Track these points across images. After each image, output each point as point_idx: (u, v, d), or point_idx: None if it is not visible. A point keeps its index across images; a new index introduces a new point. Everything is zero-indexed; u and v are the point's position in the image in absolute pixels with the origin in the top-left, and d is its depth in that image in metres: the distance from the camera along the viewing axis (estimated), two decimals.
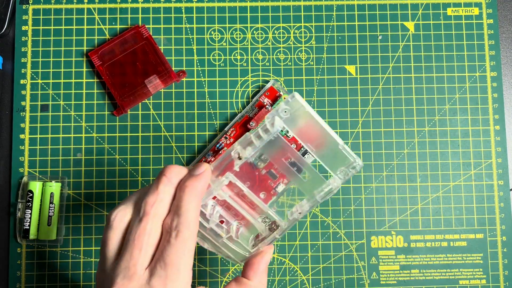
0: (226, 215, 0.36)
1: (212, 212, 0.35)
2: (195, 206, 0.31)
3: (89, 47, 0.46)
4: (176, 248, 0.30)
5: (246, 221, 0.36)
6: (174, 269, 0.29)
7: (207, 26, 0.47)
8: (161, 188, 0.31)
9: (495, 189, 0.45)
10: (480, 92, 0.46)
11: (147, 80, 0.45)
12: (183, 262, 0.30)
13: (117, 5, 0.47)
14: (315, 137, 0.33)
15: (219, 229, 0.34)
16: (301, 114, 0.32)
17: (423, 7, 0.47)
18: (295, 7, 0.47)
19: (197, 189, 0.31)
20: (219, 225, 0.35)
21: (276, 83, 0.45)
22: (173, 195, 0.32)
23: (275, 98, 0.44)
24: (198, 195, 0.31)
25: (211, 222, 0.34)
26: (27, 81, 0.45)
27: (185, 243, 0.30)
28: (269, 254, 0.35)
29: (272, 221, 0.36)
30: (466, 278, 0.44)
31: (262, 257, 0.35)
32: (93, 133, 0.45)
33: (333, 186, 0.33)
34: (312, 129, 0.33)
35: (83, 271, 0.44)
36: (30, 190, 0.43)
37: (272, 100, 0.44)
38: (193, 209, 0.31)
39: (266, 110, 0.43)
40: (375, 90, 0.46)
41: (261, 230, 0.36)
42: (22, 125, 0.45)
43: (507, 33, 0.47)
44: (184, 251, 0.30)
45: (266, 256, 0.35)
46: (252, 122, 0.43)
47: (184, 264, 0.30)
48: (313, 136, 0.33)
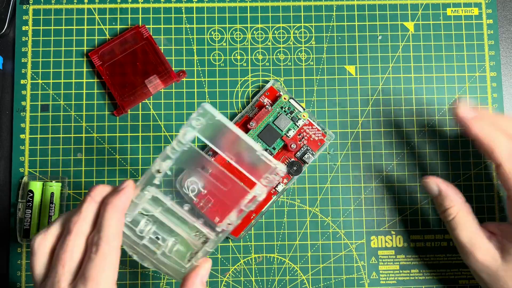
0: (162, 232, 0.35)
1: (145, 228, 0.35)
2: (116, 221, 0.32)
3: (89, 47, 0.46)
4: (95, 263, 0.31)
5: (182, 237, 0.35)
6: (93, 283, 0.30)
7: (207, 26, 0.47)
8: (84, 207, 0.33)
9: (494, 189, 0.45)
10: (480, 92, 0.46)
11: (147, 80, 0.45)
12: (104, 276, 0.30)
13: (117, 5, 0.47)
14: (233, 146, 0.33)
15: (152, 245, 0.34)
16: (215, 124, 0.32)
17: (422, 7, 0.47)
18: (295, 7, 0.47)
19: (117, 205, 0.32)
20: (154, 241, 0.35)
21: (276, 83, 0.45)
22: (97, 213, 0.33)
23: (275, 98, 0.44)
24: (118, 210, 0.32)
25: (144, 239, 0.34)
26: (28, 81, 0.45)
27: (104, 258, 0.31)
28: (204, 269, 0.34)
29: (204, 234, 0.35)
30: (465, 278, 0.44)
31: (196, 273, 0.34)
32: (93, 133, 0.45)
33: (256, 193, 0.33)
34: (229, 138, 0.32)
35: None
36: (30, 190, 0.43)
37: (272, 100, 0.44)
38: (113, 224, 0.32)
39: (266, 110, 0.43)
40: (375, 90, 0.46)
41: (194, 245, 0.35)
42: (22, 125, 0.45)
43: (506, 33, 0.47)
44: (104, 266, 0.31)
45: (200, 271, 0.34)
46: (252, 122, 0.43)
47: (104, 278, 0.30)
48: (230, 145, 0.33)
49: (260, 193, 0.33)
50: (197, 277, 0.34)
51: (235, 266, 0.44)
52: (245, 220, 0.43)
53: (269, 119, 0.44)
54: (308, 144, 0.44)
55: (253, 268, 0.44)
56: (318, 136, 0.44)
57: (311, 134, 0.44)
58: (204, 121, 0.32)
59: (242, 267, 0.44)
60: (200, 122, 0.32)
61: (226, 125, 0.32)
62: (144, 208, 0.35)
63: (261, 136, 0.43)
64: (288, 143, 0.43)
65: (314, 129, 0.44)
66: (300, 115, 0.44)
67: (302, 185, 0.45)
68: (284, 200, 0.45)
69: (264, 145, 0.43)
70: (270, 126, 0.43)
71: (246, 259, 0.44)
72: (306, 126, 0.44)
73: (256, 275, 0.44)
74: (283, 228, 0.45)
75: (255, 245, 0.44)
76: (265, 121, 0.44)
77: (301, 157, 0.43)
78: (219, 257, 0.44)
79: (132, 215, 0.34)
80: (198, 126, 0.32)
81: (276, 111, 0.44)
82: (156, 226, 0.35)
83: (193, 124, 0.32)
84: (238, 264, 0.44)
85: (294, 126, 0.44)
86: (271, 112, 0.44)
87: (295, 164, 0.43)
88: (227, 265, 0.44)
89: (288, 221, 0.45)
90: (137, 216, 0.35)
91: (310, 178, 0.45)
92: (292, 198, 0.45)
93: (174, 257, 0.35)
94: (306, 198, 0.45)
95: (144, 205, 0.35)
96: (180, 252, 0.35)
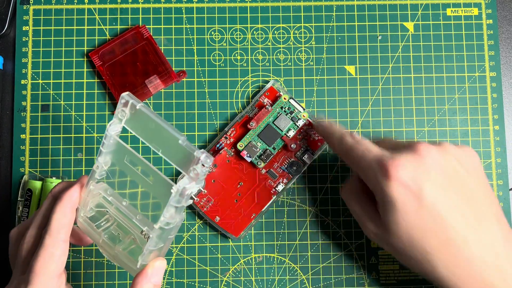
0: (121, 229, 0.35)
1: (105, 224, 0.35)
2: (61, 215, 0.32)
3: (89, 47, 0.46)
4: (38, 255, 0.31)
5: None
6: (34, 275, 0.31)
7: (207, 27, 0.47)
8: (44, 202, 0.34)
9: (494, 189, 0.45)
10: (480, 92, 0.46)
11: (147, 80, 0.45)
12: (45, 267, 0.31)
13: (118, 6, 0.47)
14: (158, 136, 0.30)
15: (111, 242, 0.34)
16: (140, 115, 0.31)
17: (422, 7, 0.47)
18: (295, 8, 0.47)
19: (63, 199, 0.33)
20: (114, 238, 0.34)
21: (276, 83, 0.45)
22: None
23: (275, 98, 0.44)
24: (64, 205, 0.33)
25: (102, 235, 0.34)
26: (28, 81, 0.46)
27: (46, 250, 0.31)
28: (151, 269, 0.32)
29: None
30: None
31: (142, 273, 0.32)
32: (93, 133, 0.45)
33: (181, 187, 0.29)
34: (153, 128, 0.30)
35: (83, 271, 0.44)
36: (29, 189, 0.43)
37: (272, 100, 0.44)
38: (58, 218, 0.32)
39: (266, 110, 0.43)
40: (375, 90, 0.46)
41: (142, 244, 0.33)
42: (23, 125, 0.45)
43: (506, 33, 0.47)
44: (45, 257, 0.31)
45: (147, 271, 0.32)
46: (252, 122, 0.43)
47: (45, 270, 0.31)
48: (155, 135, 0.30)
49: (188, 187, 0.29)
50: (143, 277, 0.31)
51: (235, 266, 0.44)
52: (245, 220, 0.43)
53: (269, 119, 0.44)
54: (308, 144, 0.44)
55: (253, 268, 0.44)
56: (318, 136, 0.44)
57: (311, 134, 0.44)
58: (128, 112, 0.31)
59: (242, 267, 0.44)
60: (125, 113, 0.31)
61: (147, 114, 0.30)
62: (99, 204, 0.35)
63: (261, 136, 0.43)
64: (288, 143, 0.43)
65: (314, 130, 0.44)
66: (300, 115, 0.44)
67: (302, 185, 0.45)
68: (284, 200, 0.45)
69: (264, 145, 0.43)
70: (270, 126, 0.43)
71: (246, 259, 0.44)
72: (306, 126, 0.44)
73: (256, 275, 0.44)
74: (283, 228, 0.45)
75: (255, 245, 0.44)
76: (265, 121, 0.43)
77: (301, 157, 0.44)
78: (219, 257, 0.44)
79: (87, 211, 0.34)
80: (123, 118, 0.31)
81: (276, 111, 0.44)
82: (117, 223, 0.35)
83: (119, 116, 0.31)
84: (238, 264, 0.44)
85: (294, 126, 0.44)
86: (271, 112, 0.44)
87: (295, 164, 0.43)
88: (227, 265, 0.44)
89: (288, 221, 0.45)
90: (102, 213, 0.35)
91: (310, 178, 0.45)
92: (292, 198, 0.45)
93: (128, 255, 0.34)
94: (306, 198, 0.45)
95: (99, 201, 0.34)
96: (135, 250, 0.34)
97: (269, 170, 0.44)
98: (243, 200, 0.43)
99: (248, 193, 0.43)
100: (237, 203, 0.43)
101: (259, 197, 0.43)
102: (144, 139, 0.31)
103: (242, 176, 0.44)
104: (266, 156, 0.43)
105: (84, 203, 0.34)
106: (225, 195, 0.43)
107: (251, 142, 0.43)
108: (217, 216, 0.43)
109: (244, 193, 0.43)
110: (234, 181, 0.43)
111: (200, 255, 0.44)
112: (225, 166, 0.44)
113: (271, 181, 0.43)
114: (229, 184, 0.43)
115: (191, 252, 0.44)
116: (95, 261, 0.44)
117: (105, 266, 0.44)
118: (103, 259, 0.44)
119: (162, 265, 0.32)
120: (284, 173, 0.43)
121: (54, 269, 0.32)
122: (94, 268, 0.44)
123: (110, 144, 0.32)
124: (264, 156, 0.43)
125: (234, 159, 0.44)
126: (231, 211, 0.43)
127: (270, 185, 0.43)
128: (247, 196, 0.43)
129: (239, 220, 0.43)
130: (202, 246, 0.44)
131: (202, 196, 0.43)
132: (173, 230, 0.32)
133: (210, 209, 0.43)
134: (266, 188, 0.43)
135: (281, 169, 0.44)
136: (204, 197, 0.43)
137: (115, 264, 0.34)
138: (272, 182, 0.43)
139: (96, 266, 0.44)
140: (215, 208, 0.43)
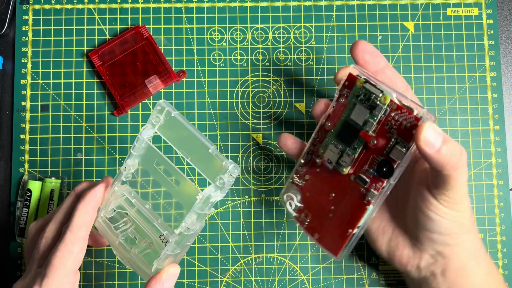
0: (139, 232, 0.35)
1: (123, 227, 0.35)
2: (83, 213, 0.33)
3: (89, 47, 0.46)
4: (57, 250, 0.32)
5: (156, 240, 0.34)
6: (52, 269, 0.31)
7: (207, 26, 0.47)
8: (66, 199, 0.36)
9: (494, 189, 0.45)
10: (480, 92, 0.46)
11: (147, 80, 0.45)
12: (62, 262, 0.32)
13: (117, 5, 0.47)
14: (188, 143, 0.32)
15: (127, 244, 0.35)
16: (173, 122, 0.32)
17: (422, 7, 0.47)
18: (295, 7, 0.47)
19: (87, 198, 0.34)
20: (131, 241, 0.35)
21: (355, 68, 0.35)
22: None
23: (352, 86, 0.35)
24: (87, 203, 0.34)
25: (119, 237, 0.35)
26: (28, 81, 0.45)
27: (66, 246, 0.32)
28: (166, 274, 0.32)
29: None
30: None
31: (156, 277, 0.32)
32: (93, 133, 0.45)
33: (206, 194, 0.30)
34: (185, 135, 0.32)
35: (83, 271, 0.44)
36: (28, 189, 0.43)
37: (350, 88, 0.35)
38: (80, 215, 0.33)
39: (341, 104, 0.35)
40: None
41: (160, 248, 0.34)
42: (22, 125, 0.45)
43: (506, 33, 0.47)
44: (64, 253, 0.32)
45: (162, 276, 0.32)
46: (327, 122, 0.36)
47: (63, 265, 0.32)
48: (186, 142, 0.32)
49: (214, 195, 0.30)
50: (157, 282, 0.32)
51: (235, 266, 0.44)
52: (342, 236, 0.36)
53: (345, 114, 0.35)
54: (398, 135, 0.33)
55: (253, 268, 0.44)
56: (411, 121, 0.32)
57: (400, 121, 0.33)
58: (163, 119, 0.32)
59: (242, 267, 0.44)
60: (159, 120, 0.33)
61: (181, 122, 0.32)
62: (120, 206, 0.35)
63: (340, 136, 0.35)
64: (369, 139, 0.34)
65: (404, 114, 0.33)
66: (379, 99, 0.33)
67: None
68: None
69: (344, 147, 0.35)
70: (347, 122, 0.35)
71: (246, 259, 0.44)
72: (394, 112, 0.33)
73: (256, 275, 0.44)
74: (283, 228, 0.45)
75: (255, 245, 0.44)
76: (342, 118, 0.36)
77: (390, 153, 0.33)
78: (219, 257, 0.44)
79: (108, 211, 0.35)
80: (157, 124, 0.33)
81: (352, 102, 0.35)
82: (135, 226, 0.35)
83: (153, 122, 0.33)
84: (238, 264, 0.44)
85: (372, 117, 0.34)
86: (347, 104, 0.35)
87: (384, 163, 0.34)
88: (227, 265, 0.44)
89: (288, 221, 0.45)
90: (122, 215, 0.35)
91: None
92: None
93: (143, 259, 0.34)
94: None
95: (120, 202, 0.35)
96: (151, 255, 0.34)
97: (358, 175, 0.35)
98: (337, 213, 0.36)
99: (341, 205, 0.36)
100: (332, 218, 0.36)
101: (352, 209, 0.35)
102: (174, 146, 0.32)
103: (333, 186, 0.36)
104: (347, 159, 0.35)
105: (106, 204, 0.35)
106: (319, 209, 0.37)
107: (329, 146, 0.36)
108: (316, 233, 0.37)
109: (337, 206, 0.36)
110: (326, 193, 0.37)
111: (200, 255, 0.44)
112: (316, 176, 0.37)
113: (363, 188, 0.35)
114: (322, 196, 0.37)
115: (191, 252, 0.44)
116: (95, 261, 0.44)
117: (105, 266, 0.44)
118: (103, 259, 0.44)
119: (176, 272, 0.33)
120: (376, 178, 0.34)
121: (71, 266, 0.32)
122: (94, 268, 0.44)
123: (141, 148, 0.33)
124: (344, 160, 0.35)
125: (322, 168, 0.37)
126: (327, 226, 0.37)
127: (362, 194, 0.35)
128: (341, 209, 0.36)
129: (335, 236, 0.36)
130: (202, 246, 0.44)
131: (301, 211, 0.38)
132: (192, 237, 0.33)
133: (309, 225, 0.38)
134: (358, 198, 0.35)
135: (371, 173, 0.34)
136: (302, 212, 0.38)
137: (127, 266, 0.35)
138: (363, 190, 0.35)
139: (96, 267, 0.44)
140: (312, 224, 0.37)
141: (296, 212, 0.38)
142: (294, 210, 0.38)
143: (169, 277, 0.33)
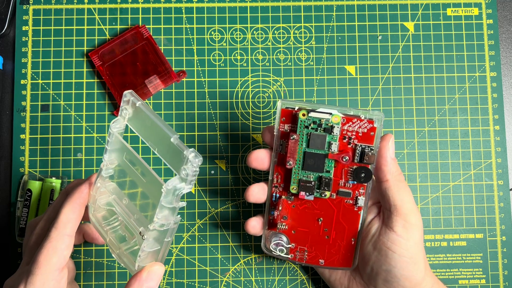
0: (128, 230, 0.35)
1: (113, 224, 0.35)
2: (69, 210, 0.33)
3: (89, 47, 0.46)
4: (42, 246, 0.32)
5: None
6: (37, 266, 0.32)
7: (207, 27, 0.47)
8: (57, 197, 0.36)
9: (494, 189, 0.45)
10: (480, 92, 0.46)
11: (147, 80, 0.45)
12: (47, 259, 0.32)
13: (118, 6, 0.47)
14: (154, 134, 0.30)
15: (116, 241, 0.34)
16: (139, 112, 0.31)
17: (422, 7, 0.47)
18: (295, 7, 0.47)
19: (73, 195, 0.34)
20: (122, 238, 0.34)
21: (283, 101, 0.37)
22: None
23: (293, 119, 0.37)
24: (73, 201, 0.34)
25: (108, 233, 0.35)
26: (28, 81, 0.45)
27: (50, 242, 0.32)
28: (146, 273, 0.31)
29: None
30: (465, 278, 0.44)
31: (136, 276, 0.31)
32: (93, 133, 0.45)
33: (169, 187, 0.28)
34: (149, 126, 0.30)
35: (83, 271, 0.44)
36: (28, 189, 0.43)
37: (291, 122, 0.37)
38: (65, 213, 0.33)
39: (294, 140, 0.36)
40: (375, 90, 0.46)
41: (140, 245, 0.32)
42: (22, 125, 0.45)
43: (506, 33, 0.47)
44: (49, 250, 0.32)
45: (142, 275, 0.31)
46: (288, 161, 0.37)
47: (47, 261, 0.32)
48: (152, 133, 0.30)
49: (179, 187, 0.28)
50: (137, 280, 0.31)
51: (235, 266, 0.44)
52: (348, 248, 0.38)
53: (303, 147, 0.37)
54: (360, 142, 0.36)
55: (253, 268, 0.44)
56: (365, 126, 0.36)
57: (357, 130, 0.36)
58: (130, 110, 0.32)
59: (242, 267, 0.44)
60: (127, 112, 0.32)
61: (145, 112, 0.30)
62: (108, 203, 0.35)
63: (307, 168, 0.37)
64: (338, 158, 0.36)
65: (356, 123, 0.36)
66: (330, 121, 0.36)
67: None
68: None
69: (316, 174, 0.37)
70: (308, 153, 0.37)
71: (246, 259, 0.44)
72: (346, 125, 0.36)
73: (256, 275, 0.44)
74: None
75: (255, 245, 0.44)
76: (300, 151, 0.37)
77: (361, 160, 0.36)
78: (219, 257, 0.44)
79: (95, 208, 0.35)
80: (126, 116, 0.32)
81: (303, 134, 0.37)
82: (125, 223, 0.35)
83: (122, 114, 0.32)
84: (238, 264, 0.44)
85: (332, 138, 0.36)
86: (299, 138, 0.37)
87: (360, 170, 0.36)
88: (227, 265, 0.44)
89: None
90: (112, 212, 0.35)
91: None
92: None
93: (129, 256, 0.33)
94: None
95: (109, 199, 0.34)
96: (136, 252, 0.33)
97: (338, 191, 0.37)
98: (333, 232, 0.38)
99: (334, 224, 0.38)
100: (330, 238, 0.38)
101: (347, 221, 0.38)
102: (143, 137, 0.31)
103: (317, 213, 0.38)
104: (325, 184, 0.37)
105: (93, 201, 0.35)
106: (313, 238, 0.39)
107: (301, 180, 0.37)
108: (320, 259, 0.39)
109: (330, 226, 0.38)
110: (313, 221, 0.38)
111: (200, 255, 0.44)
112: (295, 212, 0.39)
113: (348, 199, 0.37)
114: (310, 226, 0.38)
115: (191, 252, 0.44)
116: (95, 261, 0.44)
117: (105, 266, 0.44)
118: (103, 259, 0.44)
119: (159, 271, 0.32)
120: (356, 185, 0.37)
121: (56, 262, 0.32)
122: (94, 268, 0.44)
123: (113, 142, 0.33)
124: (323, 185, 0.37)
125: (298, 202, 0.38)
126: (329, 248, 0.38)
127: (350, 205, 0.38)
128: (335, 227, 0.38)
129: (341, 251, 0.38)
130: (202, 246, 0.44)
131: (293, 250, 0.39)
132: (169, 232, 0.31)
133: (310, 257, 0.39)
134: (348, 210, 0.38)
135: (349, 183, 0.37)
136: (296, 250, 0.39)
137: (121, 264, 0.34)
138: (349, 200, 0.38)
139: (96, 266, 0.44)
140: (312, 254, 0.39)
141: (290, 253, 0.39)
142: (287, 254, 0.39)
143: (150, 276, 0.31)
